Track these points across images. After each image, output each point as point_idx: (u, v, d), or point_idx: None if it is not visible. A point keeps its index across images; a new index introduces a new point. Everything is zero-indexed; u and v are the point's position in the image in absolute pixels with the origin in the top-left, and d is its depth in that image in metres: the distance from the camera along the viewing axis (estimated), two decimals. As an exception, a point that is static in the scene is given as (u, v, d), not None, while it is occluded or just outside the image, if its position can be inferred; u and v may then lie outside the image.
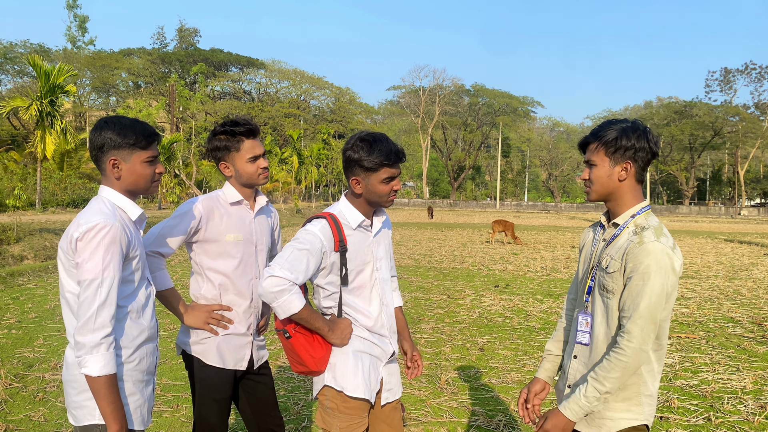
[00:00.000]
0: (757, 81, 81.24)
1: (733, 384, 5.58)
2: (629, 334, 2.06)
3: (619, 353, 2.06)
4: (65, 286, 2.17)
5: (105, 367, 2.05)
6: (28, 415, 4.54)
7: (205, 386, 2.83)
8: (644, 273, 2.04)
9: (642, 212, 2.21)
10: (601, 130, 2.21)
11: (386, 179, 2.43)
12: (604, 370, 2.08)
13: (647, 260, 2.04)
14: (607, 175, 2.20)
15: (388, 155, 2.40)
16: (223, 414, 2.86)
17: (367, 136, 2.45)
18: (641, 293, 2.04)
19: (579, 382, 2.25)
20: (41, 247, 13.60)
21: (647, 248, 2.06)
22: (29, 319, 7.72)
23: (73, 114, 63.48)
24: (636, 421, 2.18)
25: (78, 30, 78.76)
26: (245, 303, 2.85)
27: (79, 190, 32.69)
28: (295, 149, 52.17)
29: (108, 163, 2.24)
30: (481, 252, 18.05)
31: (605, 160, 2.19)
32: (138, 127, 2.26)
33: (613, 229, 2.25)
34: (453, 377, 5.65)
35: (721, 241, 25.50)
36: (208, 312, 2.78)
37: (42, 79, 25.29)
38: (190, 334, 2.83)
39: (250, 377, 2.98)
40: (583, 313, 2.29)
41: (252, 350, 2.91)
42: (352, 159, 2.42)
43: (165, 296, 2.76)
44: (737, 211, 71.18)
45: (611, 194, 2.22)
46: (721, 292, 11.06)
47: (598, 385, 2.08)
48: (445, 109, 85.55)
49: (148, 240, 2.70)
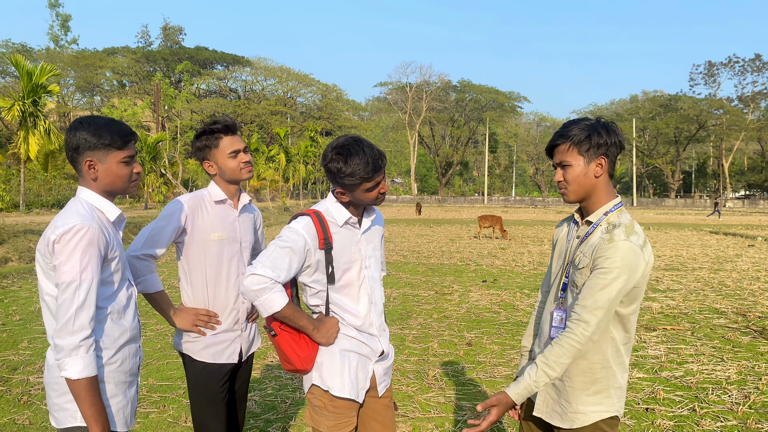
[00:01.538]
0: (740, 74, 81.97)
1: (718, 374, 5.64)
2: (587, 324, 2.08)
3: (573, 340, 2.09)
4: (44, 288, 2.15)
5: (85, 369, 2.03)
6: (13, 418, 4.49)
7: (194, 382, 2.89)
8: (609, 268, 2.07)
9: (615, 209, 2.23)
10: (569, 130, 2.21)
11: (370, 188, 2.40)
12: (556, 356, 2.10)
13: (615, 256, 2.07)
14: (584, 174, 2.21)
15: (365, 168, 2.32)
16: (215, 409, 2.89)
17: (342, 149, 2.34)
18: (603, 285, 2.07)
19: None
20: (26, 249, 13.45)
21: (616, 245, 2.08)
22: (13, 321, 7.64)
23: (57, 114, 62.88)
24: (607, 413, 2.22)
25: (60, 29, 78.06)
26: (231, 300, 2.90)
27: (63, 191, 32.36)
28: (282, 147, 52.04)
29: (84, 164, 2.20)
30: (469, 247, 18.10)
31: (579, 159, 2.20)
32: (113, 127, 2.22)
33: (587, 226, 2.27)
34: (441, 373, 5.67)
35: (706, 233, 25.75)
36: (195, 314, 2.83)
37: (24, 78, 25.04)
38: (182, 332, 2.89)
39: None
40: (558, 309, 2.31)
41: (241, 343, 2.96)
42: (332, 171, 2.37)
43: (155, 299, 2.81)
44: (722, 203, 71.88)
45: (588, 192, 2.24)
46: (707, 284, 11.17)
47: (548, 370, 2.10)
48: (432, 105, 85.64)
49: (138, 243, 2.76)
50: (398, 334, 7.09)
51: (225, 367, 2.90)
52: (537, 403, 2.35)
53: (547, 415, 2.31)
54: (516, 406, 2.38)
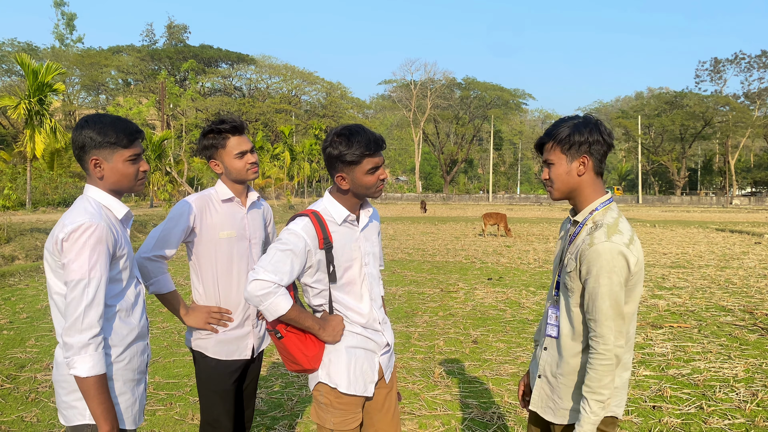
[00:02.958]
0: (746, 71, 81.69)
1: (725, 372, 5.62)
2: (602, 338, 2.08)
3: (599, 358, 2.08)
4: (52, 287, 2.15)
5: (94, 367, 2.03)
6: (21, 415, 4.52)
7: (205, 378, 2.90)
8: (597, 275, 2.07)
9: (602, 207, 2.22)
10: (554, 129, 2.23)
11: (371, 170, 2.40)
12: (594, 381, 2.09)
13: (599, 262, 2.06)
14: (566, 172, 2.21)
15: (368, 145, 2.37)
16: (226, 406, 2.90)
17: (344, 130, 2.41)
18: (599, 295, 2.07)
19: (547, 373, 2.30)
20: (32, 247, 13.51)
21: (597, 249, 2.07)
22: (21, 319, 7.67)
23: (62, 112, 63.06)
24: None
25: (66, 28, 78.24)
26: (242, 297, 2.91)
27: (69, 189, 32.50)
28: (287, 145, 52.08)
29: (90, 163, 2.20)
30: (474, 245, 18.08)
31: (562, 158, 2.21)
32: (119, 126, 2.21)
33: (574, 226, 2.28)
34: (447, 370, 5.66)
35: (712, 230, 25.64)
36: (207, 312, 2.86)
37: (30, 77, 25.11)
38: (194, 330, 2.92)
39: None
40: (553, 307, 2.33)
41: (253, 339, 2.98)
42: (333, 155, 2.39)
43: (167, 299, 2.85)
44: (729, 200, 71.60)
45: (572, 191, 2.24)
46: (713, 281, 11.13)
47: (597, 397, 2.09)
48: (436, 103, 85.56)
49: (149, 245, 2.79)
50: (404, 332, 7.09)
51: (237, 363, 2.92)
52: (533, 397, 2.38)
53: (542, 410, 2.34)
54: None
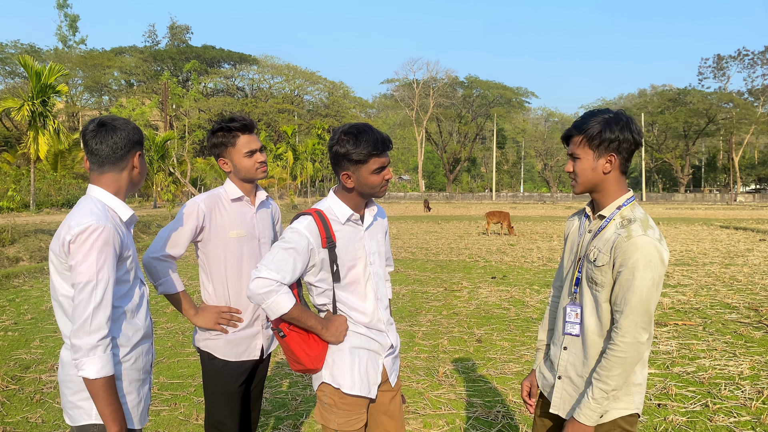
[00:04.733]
0: (749, 67, 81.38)
1: (731, 370, 5.60)
2: (622, 330, 2.06)
3: (615, 350, 2.07)
4: (58, 289, 2.15)
5: (102, 369, 2.03)
6: (26, 416, 4.53)
7: (212, 380, 2.89)
8: (634, 267, 2.04)
9: (627, 203, 2.20)
10: (584, 123, 2.18)
11: (377, 170, 2.39)
12: (605, 369, 2.08)
13: (636, 254, 2.03)
14: (592, 168, 2.18)
15: (375, 145, 2.36)
16: (232, 407, 2.89)
17: (352, 128, 2.40)
18: (632, 287, 2.04)
19: (570, 374, 2.26)
20: (36, 249, 13.54)
21: (636, 242, 2.05)
22: (25, 320, 7.69)
23: (65, 114, 63.27)
24: (627, 410, 2.19)
25: (69, 29, 78.40)
26: None
27: (73, 191, 32.58)
28: (290, 145, 52.07)
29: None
30: (478, 244, 18.06)
31: (589, 153, 2.17)
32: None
33: (599, 220, 2.24)
34: (451, 369, 5.66)
35: (716, 227, 25.57)
36: (217, 312, 2.85)
37: (33, 79, 25.18)
38: (203, 330, 2.91)
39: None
40: (572, 304, 2.28)
41: (263, 339, 2.97)
42: (340, 153, 2.38)
43: (176, 299, 2.84)
44: (733, 197, 71.38)
45: (596, 186, 2.21)
46: (718, 279, 11.10)
47: (602, 385, 2.08)
48: (439, 102, 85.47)
49: (158, 245, 2.79)
50: (408, 331, 7.09)
51: (245, 364, 2.91)
52: (553, 400, 2.32)
53: (564, 412, 2.29)
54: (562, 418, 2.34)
